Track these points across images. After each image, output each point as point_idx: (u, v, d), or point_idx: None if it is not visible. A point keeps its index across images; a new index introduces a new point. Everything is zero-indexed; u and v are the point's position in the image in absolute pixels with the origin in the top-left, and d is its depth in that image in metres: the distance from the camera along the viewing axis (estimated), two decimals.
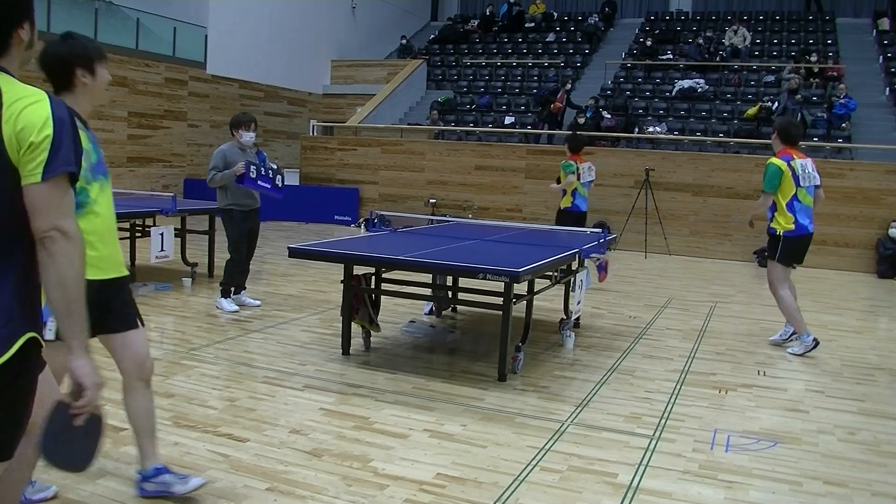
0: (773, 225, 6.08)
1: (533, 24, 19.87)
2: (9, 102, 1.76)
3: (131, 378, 2.99)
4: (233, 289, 6.84)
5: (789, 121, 7.81)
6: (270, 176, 6.48)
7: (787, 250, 6.02)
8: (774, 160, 6.01)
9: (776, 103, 14.51)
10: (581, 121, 14.54)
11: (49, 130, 1.75)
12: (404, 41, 21.46)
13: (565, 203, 8.72)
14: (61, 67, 2.71)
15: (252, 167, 6.35)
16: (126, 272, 2.97)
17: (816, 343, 5.99)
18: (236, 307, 6.65)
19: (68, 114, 1.81)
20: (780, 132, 6.16)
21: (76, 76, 2.74)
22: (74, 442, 1.94)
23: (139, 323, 2.98)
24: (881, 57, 16.70)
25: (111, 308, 2.84)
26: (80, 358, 1.88)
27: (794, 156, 6.02)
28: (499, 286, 4.78)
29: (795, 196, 5.93)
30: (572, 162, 8.64)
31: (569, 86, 15.93)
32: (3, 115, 1.74)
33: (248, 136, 6.55)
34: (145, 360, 3.00)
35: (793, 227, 5.95)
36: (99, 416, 1.96)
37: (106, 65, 2.87)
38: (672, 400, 4.73)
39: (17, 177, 1.76)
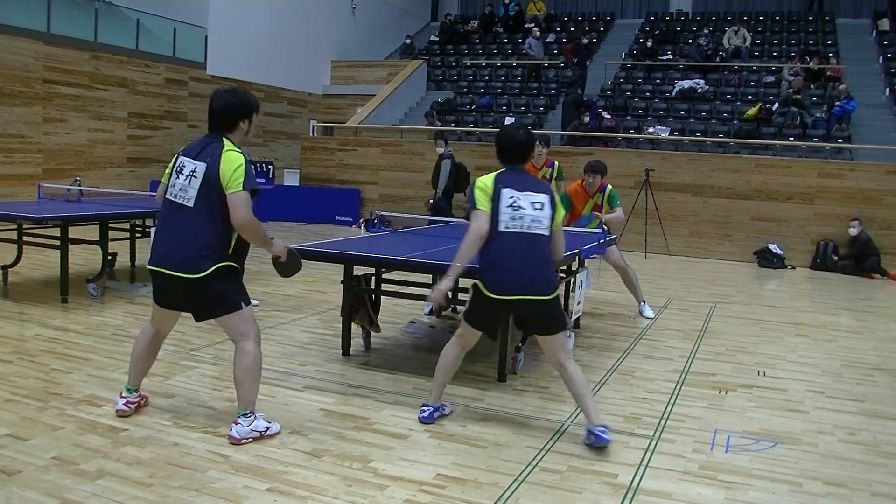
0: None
1: (534, 25, 19.86)
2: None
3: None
4: None
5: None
6: (264, 170, 6.50)
7: None
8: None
9: (776, 104, 14.52)
10: (586, 120, 14.53)
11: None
12: (408, 41, 21.45)
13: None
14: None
15: (251, 166, 6.35)
16: None
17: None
18: None
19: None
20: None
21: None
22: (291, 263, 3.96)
23: None
24: (881, 57, 16.70)
25: None
26: (273, 246, 3.82)
27: None
28: None
29: None
30: None
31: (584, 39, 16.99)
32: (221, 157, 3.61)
33: None
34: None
35: None
36: (293, 252, 3.96)
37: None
38: (672, 400, 4.73)
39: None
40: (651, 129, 14.61)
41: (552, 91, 17.44)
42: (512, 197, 3.86)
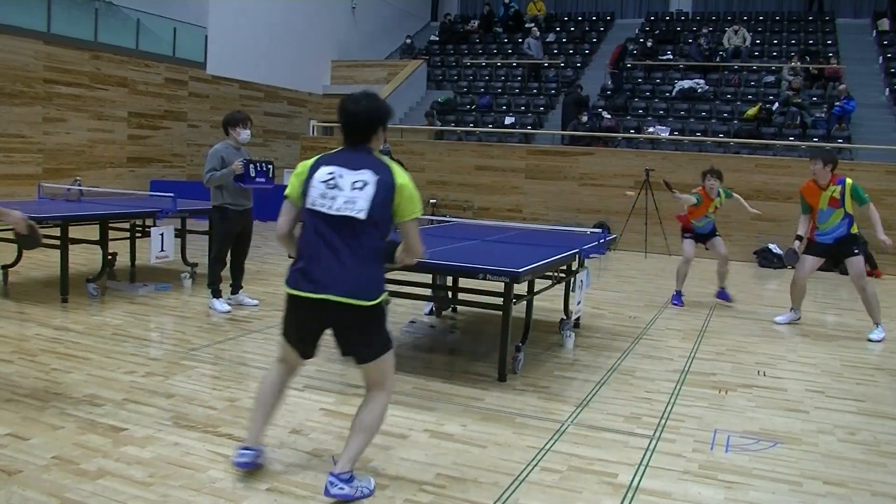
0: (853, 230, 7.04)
1: (534, 24, 19.87)
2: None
3: None
4: (230, 289, 6.85)
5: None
6: (264, 170, 6.51)
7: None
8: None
9: (776, 104, 14.53)
10: (584, 119, 14.53)
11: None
12: (408, 41, 21.46)
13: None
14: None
15: (251, 166, 6.36)
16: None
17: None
18: (228, 307, 6.65)
19: None
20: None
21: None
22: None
23: None
24: (881, 57, 16.70)
25: None
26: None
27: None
28: (499, 286, 4.77)
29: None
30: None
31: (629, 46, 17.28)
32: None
33: (245, 134, 6.56)
34: None
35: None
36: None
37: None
38: (672, 400, 4.73)
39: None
40: (651, 129, 14.61)
41: (552, 91, 17.45)
42: (331, 173, 3.06)
